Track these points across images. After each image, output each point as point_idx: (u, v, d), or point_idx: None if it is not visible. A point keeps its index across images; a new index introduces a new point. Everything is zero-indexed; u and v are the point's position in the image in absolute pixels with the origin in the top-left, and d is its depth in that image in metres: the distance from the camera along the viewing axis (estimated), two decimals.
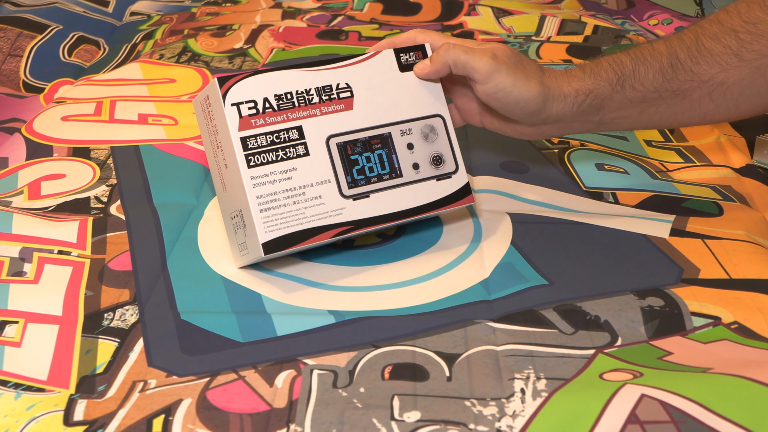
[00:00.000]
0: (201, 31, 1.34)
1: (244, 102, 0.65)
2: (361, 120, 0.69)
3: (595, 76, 0.70)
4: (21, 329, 0.62)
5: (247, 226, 0.65)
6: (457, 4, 1.47)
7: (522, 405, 0.54)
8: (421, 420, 0.53)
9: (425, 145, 0.71)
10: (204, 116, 0.68)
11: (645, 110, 0.71)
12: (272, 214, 0.65)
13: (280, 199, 0.65)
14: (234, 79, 0.65)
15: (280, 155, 0.65)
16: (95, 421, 0.54)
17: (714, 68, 0.68)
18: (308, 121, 0.67)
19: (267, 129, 0.65)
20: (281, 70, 0.67)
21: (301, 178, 0.66)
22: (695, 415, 0.50)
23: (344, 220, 0.67)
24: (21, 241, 0.73)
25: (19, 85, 1.19)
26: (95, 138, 0.95)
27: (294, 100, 0.66)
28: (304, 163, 0.66)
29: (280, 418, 0.54)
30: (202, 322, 0.63)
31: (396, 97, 0.70)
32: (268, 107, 0.65)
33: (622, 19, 1.43)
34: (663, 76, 0.69)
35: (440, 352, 0.60)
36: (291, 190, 0.65)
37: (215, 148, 0.67)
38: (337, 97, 0.68)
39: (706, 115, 0.71)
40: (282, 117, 0.66)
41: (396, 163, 0.69)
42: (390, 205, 0.69)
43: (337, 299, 0.66)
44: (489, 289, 0.67)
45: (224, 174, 0.67)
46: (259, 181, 0.64)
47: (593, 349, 0.60)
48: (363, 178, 0.68)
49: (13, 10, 1.38)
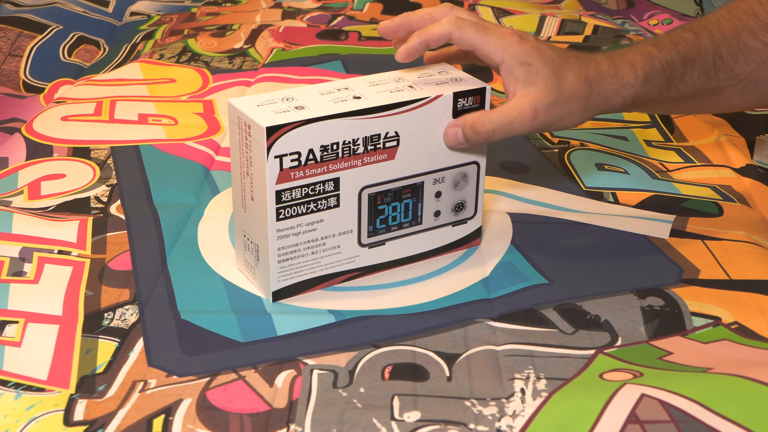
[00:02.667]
0: (201, 31, 1.34)
1: (287, 154, 0.60)
2: (400, 170, 0.65)
3: (647, 81, 0.65)
4: (21, 329, 0.62)
5: (260, 261, 0.64)
6: (457, 4, 1.47)
7: (522, 405, 0.54)
8: (421, 420, 0.53)
9: (452, 193, 0.68)
10: (239, 134, 0.63)
11: (678, 105, 0.71)
12: (289, 265, 0.64)
13: (300, 250, 0.64)
14: (283, 130, 0.59)
15: (311, 207, 0.62)
16: (95, 421, 0.54)
17: (751, 66, 0.68)
18: (347, 173, 0.63)
19: (304, 182, 0.61)
20: (336, 118, 0.61)
21: (326, 230, 0.64)
22: (695, 415, 0.50)
23: (356, 266, 0.67)
24: (21, 241, 0.73)
25: (19, 85, 1.19)
26: (95, 138, 0.95)
27: (339, 150, 0.62)
28: (333, 214, 0.64)
29: (280, 418, 0.54)
30: (202, 321, 0.63)
31: (440, 144, 0.66)
32: (311, 159, 0.61)
33: (622, 19, 1.43)
34: (707, 77, 0.68)
35: (440, 351, 0.60)
36: (313, 241, 0.64)
37: (244, 172, 0.63)
38: (383, 147, 0.64)
39: (729, 107, 0.71)
40: (322, 169, 0.62)
41: (420, 211, 0.67)
42: (402, 251, 0.68)
43: (337, 299, 0.66)
44: (489, 288, 0.67)
45: (248, 201, 0.64)
46: (284, 233, 0.62)
47: (593, 349, 0.60)
48: (384, 227, 0.67)
49: (13, 10, 1.38)
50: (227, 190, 0.84)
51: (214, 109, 1.03)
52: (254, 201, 0.63)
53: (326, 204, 0.63)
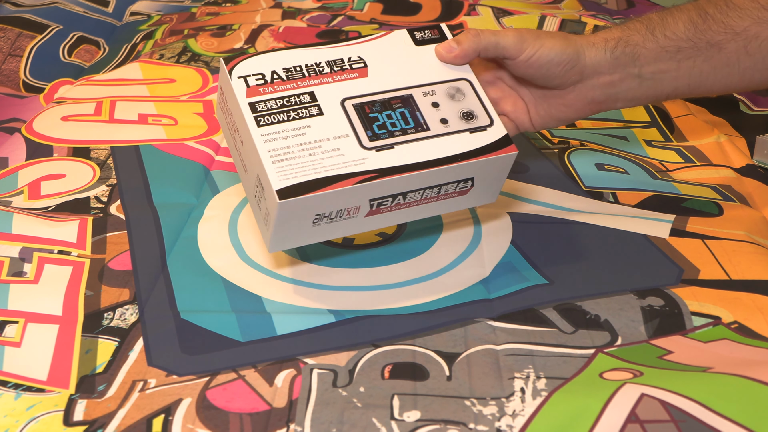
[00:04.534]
0: (201, 31, 1.34)
1: (251, 75, 0.64)
2: (378, 85, 0.66)
3: (623, 27, 0.70)
4: (21, 329, 0.62)
5: (265, 188, 0.62)
6: (457, 4, 1.47)
7: (522, 404, 0.54)
8: (421, 419, 0.53)
9: (452, 104, 0.66)
10: (223, 112, 0.67)
11: (683, 63, 0.70)
12: (287, 165, 0.61)
13: (293, 151, 0.62)
14: (240, 58, 0.64)
15: (292, 116, 0.63)
16: (95, 421, 0.54)
17: (746, 21, 0.68)
18: (320, 87, 0.65)
19: (276, 95, 0.63)
20: (289, 50, 0.66)
21: (316, 134, 0.63)
22: (695, 414, 0.50)
23: (367, 168, 0.62)
24: (21, 241, 0.73)
25: (19, 85, 1.19)
26: (95, 138, 0.95)
27: (304, 71, 0.65)
28: (318, 121, 0.63)
29: (279, 418, 0.54)
30: (201, 321, 0.63)
31: (415, 65, 0.67)
32: (277, 78, 0.64)
33: (622, 19, 1.43)
34: (694, 26, 0.69)
35: (440, 351, 0.60)
36: (305, 144, 0.62)
37: (233, 133, 0.65)
38: (350, 68, 0.66)
39: (745, 72, 0.70)
40: (292, 85, 0.64)
41: (421, 118, 0.65)
42: (418, 155, 0.63)
43: (337, 299, 0.66)
44: (489, 288, 0.67)
45: (242, 153, 0.65)
46: (270, 137, 0.61)
47: (593, 349, 0.60)
48: (385, 132, 0.64)
49: (13, 10, 1.38)
50: (227, 190, 0.84)
51: (215, 109, 1.03)
52: (244, 143, 0.64)
53: (308, 113, 0.63)
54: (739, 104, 1.10)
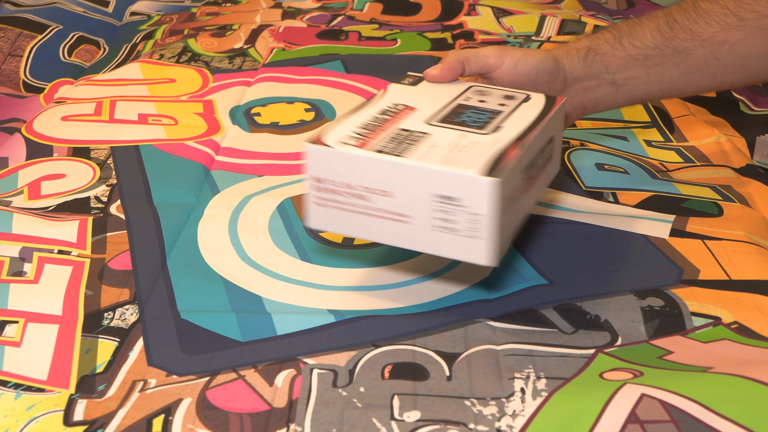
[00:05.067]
0: (201, 31, 1.34)
1: (342, 141, 0.59)
2: (432, 109, 0.65)
3: (592, 37, 0.73)
4: (21, 329, 0.62)
5: (458, 197, 0.55)
6: (457, 4, 1.47)
7: (522, 404, 0.54)
8: (421, 419, 0.53)
9: (488, 97, 0.67)
10: (327, 201, 0.60)
11: (652, 69, 0.72)
12: (459, 162, 0.57)
13: (451, 155, 0.57)
14: (316, 138, 0.59)
15: (411, 142, 0.59)
16: (95, 421, 0.54)
17: (713, 27, 0.70)
18: (399, 124, 0.62)
19: (382, 139, 0.59)
20: (339, 122, 0.61)
21: (446, 142, 0.60)
22: (695, 415, 0.50)
23: (507, 140, 0.60)
24: (21, 241, 0.73)
25: (19, 85, 1.19)
26: (95, 138, 0.95)
27: (374, 123, 0.62)
28: (434, 138, 0.60)
29: (279, 418, 0.54)
30: (202, 321, 0.63)
31: (432, 93, 0.68)
32: (363, 132, 0.60)
33: (622, 19, 1.43)
34: (661, 35, 0.71)
35: (440, 351, 0.60)
36: (450, 149, 0.58)
37: (360, 200, 0.59)
38: (398, 110, 0.64)
39: (716, 76, 0.72)
40: (381, 132, 0.61)
41: (488, 109, 0.65)
42: (519, 126, 0.62)
43: (337, 299, 0.66)
44: (489, 288, 0.67)
45: (395, 203, 0.58)
46: (421, 157, 0.57)
47: (593, 349, 0.60)
48: (482, 123, 0.63)
49: (13, 10, 1.38)
50: (227, 190, 0.84)
51: (214, 109, 1.03)
52: (394, 190, 0.58)
53: (419, 136, 0.60)
54: (739, 104, 1.10)
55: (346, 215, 0.58)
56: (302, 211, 0.79)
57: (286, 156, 0.92)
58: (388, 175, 0.56)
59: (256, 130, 0.98)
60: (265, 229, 0.77)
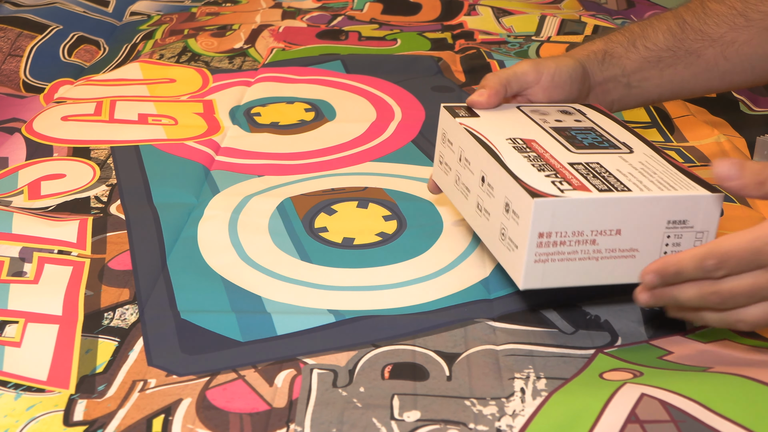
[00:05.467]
0: (201, 31, 1.34)
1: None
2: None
3: (605, 39, 0.74)
4: (21, 329, 0.62)
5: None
6: (457, 4, 1.47)
7: (522, 404, 0.54)
8: (421, 419, 0.53)
9: (557, 116, 0.68)
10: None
11: (664, 71, 0.73)
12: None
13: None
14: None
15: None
16: (95, 421, 0.54)
17: (722, 28, 0.71)
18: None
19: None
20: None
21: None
22: (695, 414, 0.50)
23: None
24: (21, 241, 0.73)
25: (19, 85, 1.19)
26: (95, 138, 0.95)
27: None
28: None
29: (279, 418, 0.53)
30: (202, 321, 0.63)
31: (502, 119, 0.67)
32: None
33: (622, 19, 1.43)
34: (673, 36, 0.72)
35: (440, 351, 0.60)
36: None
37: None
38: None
39: (725, 76, 0.73)
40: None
41: (586, 131, 0.66)
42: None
43: (337, 299, 0.66)
44: (489, 288, 0.67)
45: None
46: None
47: (593, 349, 0.60)
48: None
49: (13, 10, 1.38)
50: (227, 190, 0.84)
51: (214, 109, 1.03)
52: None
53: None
54: (739, 104, 1.10)
55: (569, 265, 0.56)
56: (304, 213, 0.79)
57: (286, 156, 0.92)
58: (622, 212, 0.55)
59: (256, 130, 0.98)
60: (265, 229, 0.77)
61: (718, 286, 0.52)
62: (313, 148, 0.93)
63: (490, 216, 0.60)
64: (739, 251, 0.51)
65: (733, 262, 0.51)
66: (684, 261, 0.53)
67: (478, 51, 1.23)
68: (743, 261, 0.51)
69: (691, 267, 0.52)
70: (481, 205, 0.62)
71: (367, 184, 0.85)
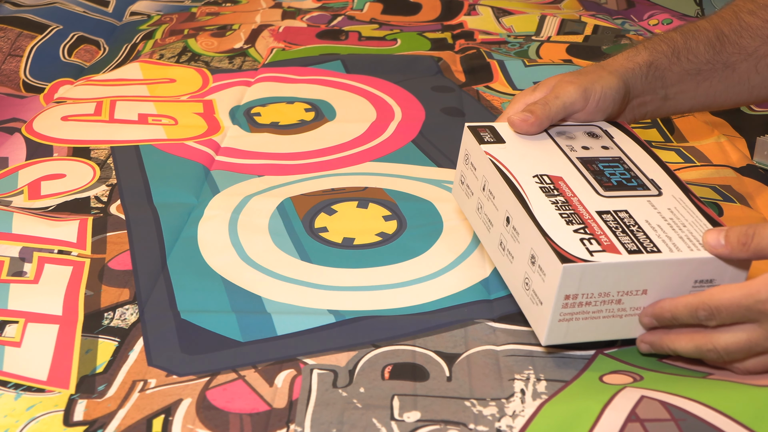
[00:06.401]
0: (201, 31, 1.34)
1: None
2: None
3: (651, 50, 0.72)
4: (21, 329, 0.62)
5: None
6: (457, 3, 1.47)
7: (522, 405, 0.54)
8: (421, 420, 0.53)
9: (584, 143, 0.68)
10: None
11: (701, 84, 0.73)
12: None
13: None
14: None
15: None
16: (95, 421, 0.54)
17: (756, 41, 0.72)
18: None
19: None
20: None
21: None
22: (696, 413, 0.50)
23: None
24: (21, 241, 0.73)
25: (19, 85, 1.19)
26: (95, 138, 0.95)
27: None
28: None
29: (279, 418, 0.54)
30: (202, 321, 0.63)
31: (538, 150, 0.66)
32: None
33: (622, 19, 1.43)
34: (713, 48, 0.72)
35: (440, 351, 0.60)
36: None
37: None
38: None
39: (753, 90, 0.74)
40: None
41: (613, 163, 0.65)
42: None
43: (337, 299, 0.66)
44: (489, 288, 0.67)
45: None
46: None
47: (593, 350, 0.60)
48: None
49: (13, 10, 1.38)
50: (227, 190, 0.84)
51: (214, 109, 1.03)
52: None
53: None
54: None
55: (592, 323, 0.56)
56: (304, 213, 0.79)
57: (286, 156, 0.92)
58: (650, 274, 0.55)
59: (256, 130, 0.98)
60: (265, 229, 0.77)
61: (714, 343, 0.54)
62: (313, 148, 0.93)
63: (513, 260, 0.60)
64: (731, 306, 0.52)
65: (725, 314, 0.53)
66: (678, 308, 0.54)
67: (478, 51, 1.23)
68: (735, 315, 0.52)
69: (685, 314, 0.54)
70: (505, 245, 0.61)
71: (367, 184, 0.85)
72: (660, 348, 0.57)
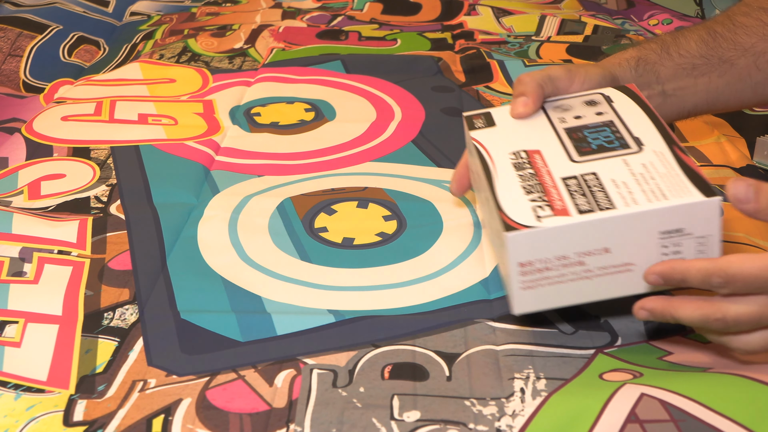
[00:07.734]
0: (201, 31, 1.34)
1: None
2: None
3: (638, 47, 0.73)
4: (21, 329, 0.62)
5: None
6: (457, 3, 1.47)
7: (522, 404, 0.54)
8: (421, 420, 0.53)
9: (578, 112, 0.66)
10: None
11: (699, 79, 0.73)
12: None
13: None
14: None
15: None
16: (95, 421, 0.54)
17: (752, 38, 0.72)
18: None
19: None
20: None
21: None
22: (695, 414, 0.50)
23: None
24: (21, 241, 0.73)
25: (19, 85, 1.19)
26: (95, 138, 0.95)
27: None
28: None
29: (279, 418, 0.54)
30: (201, 321, 0.63)
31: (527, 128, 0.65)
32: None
33: (622, 19, 1.43)
34: (705, 44, 0.72)
35: (440, 351, 0.60)
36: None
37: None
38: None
39: (756, 87, 0.73)
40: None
41: (599, 128, 0.64)
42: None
43: (337, 299, 0.66)
44: (489, 288, 0.67)
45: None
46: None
47: (593, 349, 0.60)
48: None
49: (13, 10, 1.38)
50: (227, 190, 0.84)
51: (214, 109, 1.03)
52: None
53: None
54: None
55: (560, 287, 0.56)
56: (304, 213, 0.79)
57: (286, 156, 0.92)
58: (606, 232, 0.54)
59: (256, 130, 0.98)
60: (265, 229, 0.77)
61: (724, 312, 0.52)
62: (313, 148, 0.93)
63: (496, 240, 0.60)
64: (749, 276, 0.50)
65: (740, 284, 0.51)
66: (690, 272, 0.52)
67: (478, 51, 1.23)
68: (751, 285, 0.51)
69: (697, 279, 0.52)
70: (492, 229, 0.61)
71: (367, 184, 0.85)
72: (661, 315, 0.54)
